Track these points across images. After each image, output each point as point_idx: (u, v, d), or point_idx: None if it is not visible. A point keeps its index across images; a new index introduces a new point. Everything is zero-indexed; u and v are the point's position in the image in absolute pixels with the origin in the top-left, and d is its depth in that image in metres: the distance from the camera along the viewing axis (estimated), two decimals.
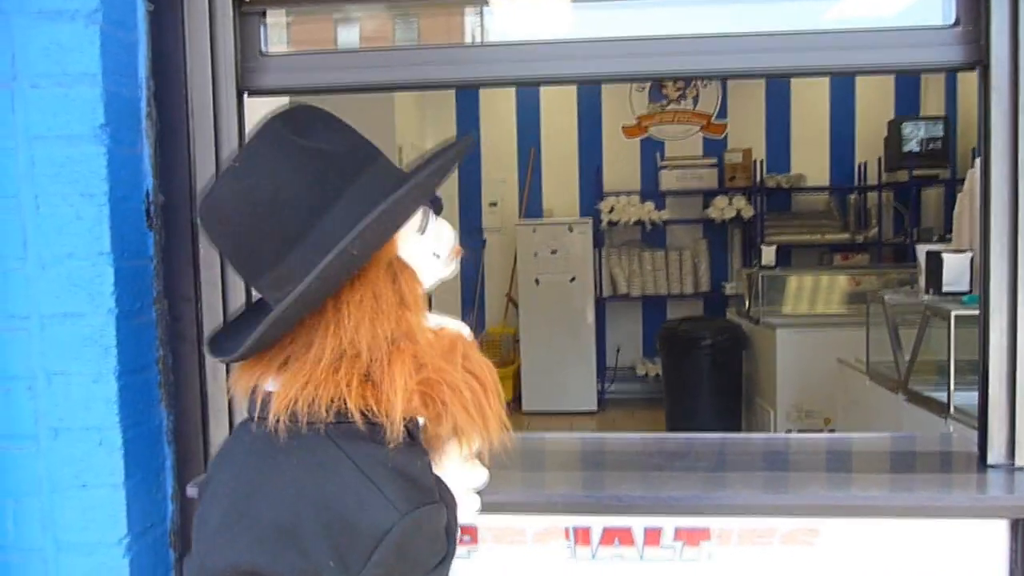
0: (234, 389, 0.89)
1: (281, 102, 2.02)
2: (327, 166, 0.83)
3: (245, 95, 1.54)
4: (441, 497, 0.89)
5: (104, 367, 1.36)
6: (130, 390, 1.40)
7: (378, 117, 5.27)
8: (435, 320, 0.90)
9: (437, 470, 0.96)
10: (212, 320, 1.50)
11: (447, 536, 0.88)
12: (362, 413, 0.81)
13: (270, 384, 0.86)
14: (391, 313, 0.83)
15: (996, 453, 1.48)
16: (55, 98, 1.34)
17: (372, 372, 0.82)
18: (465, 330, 0.92)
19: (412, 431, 0.85)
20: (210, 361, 1.51)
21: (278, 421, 0.81)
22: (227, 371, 1.51)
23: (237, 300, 1.50)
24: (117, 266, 1.37)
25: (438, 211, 0.94)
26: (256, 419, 0.85)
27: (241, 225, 0.82)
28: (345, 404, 0.80)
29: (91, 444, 1.37)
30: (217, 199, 0.84)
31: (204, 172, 1.49)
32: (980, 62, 1.47)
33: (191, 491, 1.45)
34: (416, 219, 0.89)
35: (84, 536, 1.39)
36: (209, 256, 1.49)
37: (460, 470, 0.97)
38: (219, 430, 1.52)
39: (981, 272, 1.50)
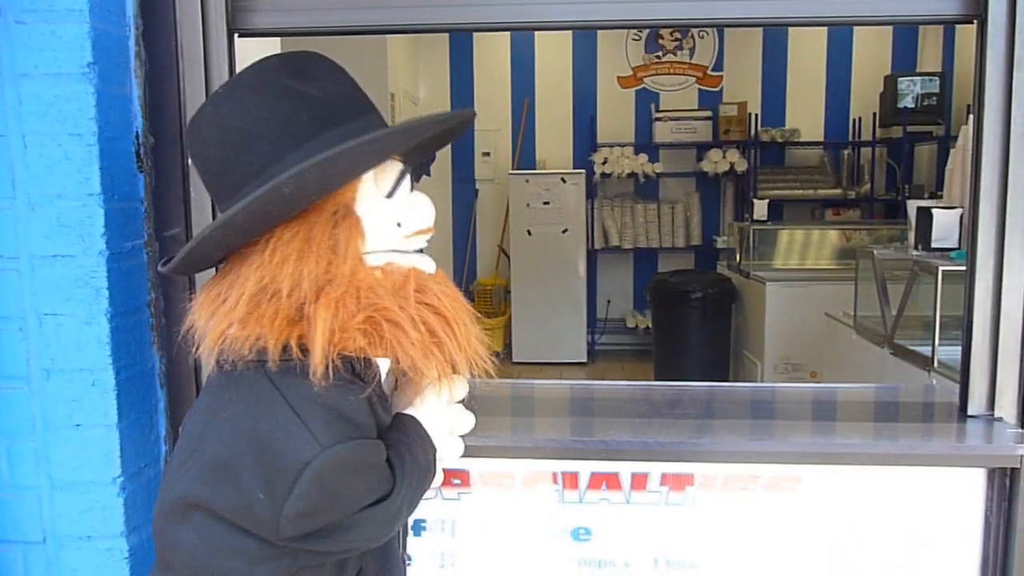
0: (194, 321, 0.89)
1: (273, 44, 1.99)
2: (306, 110, 0.84)
3: (236, 36, 1.51)
4: (408, 435, 0.91)
5: (96, 308, 1.36)
6: (122, 332, 1.41)
7: (371, 64, 5.20)
8: (383, 258, 0.89)
9: (416, 413, 0.97)
10: None
11: (395, 474, 0.88)
12: (285, 349, 0.82)
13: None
14: (321, 257, 0.83)
15: (976, 404, 1.51)
16: (41, 35, 1.31)
17: (305, 312, 0.83)
18: (424, 264, 0.91)
19: (358, 369, 0.86)
20: None
21: (209, 358, 0.84)
22: None
23: None
24: (107, 207, 1.36)
25: (418, 177, 0.93)
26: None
27: (211, 150, 0.86)
28: (268, 342, 0.82)
29: (84, 385, 1.38)
30: (196, 121, 0.87)
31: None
32: (977, 16, 1.46)
33: None
34: (386, 182, 0.89)
35: (78, 475, 1.41)
36: (200, 199, 1.48)
37: (439, 413, 0.97)
38: None
39: (969, 226, 1.51)
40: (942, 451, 1.44)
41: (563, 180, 6.49)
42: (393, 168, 0.90)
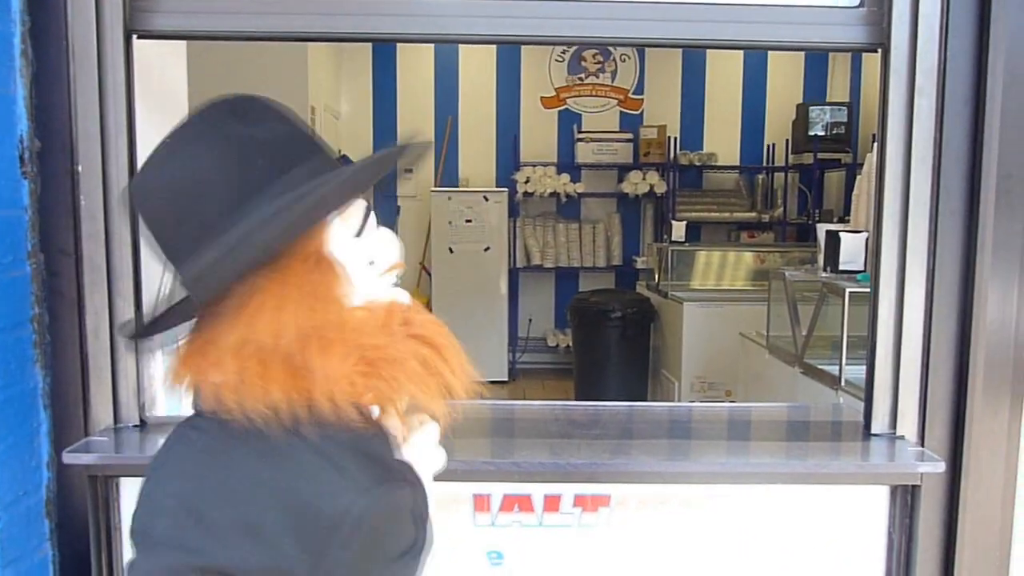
0: (174, 381, 0.84)
1: (176, 46, 1.91)
2: (257, 154, 0.80)
3: (134, 37, 1.44)
4: (409, 481, 0.85)
5: None
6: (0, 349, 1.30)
7: (290, 77, 5.08)
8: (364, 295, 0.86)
9: (407, 455, 0.92)
10: (93, 276, 1.41)
11: (415, 522, 0.83)
12: (292, 401, 0.77)
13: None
14: (301, 303, 0.80)
15: (880, 423, 1.54)
16: None
17: (302, 361, 0.78)
18: (400, 296, 0.89)
19: (365, 413, 0.82)
20: (91, 319, 1.42)
21: (215, 413, 0.78)
22: (110, 330, 1.43)
23: (121, 255, 1.41)
24: None
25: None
26: (201, 414, 0.81)
27: (162, 206, 0.80)
28: (274, 395, 0.77)
29: None
30: (141, 183, 0.82)
31: (86, 118, 1.39)
32: (881, 44, 1.51)
33: (68, 458, 1.36)
34: (353, 222, 0.86)
35: None
36: (91, 207, 1.39)
37: (430, 454, 0.93)
38: (101, 392, 1.44)
39: (873, 250, 1.55)
40: (848, 469, 1.47)
41: (485, 198, 6.49)
42: (358, 207, 0.87)
